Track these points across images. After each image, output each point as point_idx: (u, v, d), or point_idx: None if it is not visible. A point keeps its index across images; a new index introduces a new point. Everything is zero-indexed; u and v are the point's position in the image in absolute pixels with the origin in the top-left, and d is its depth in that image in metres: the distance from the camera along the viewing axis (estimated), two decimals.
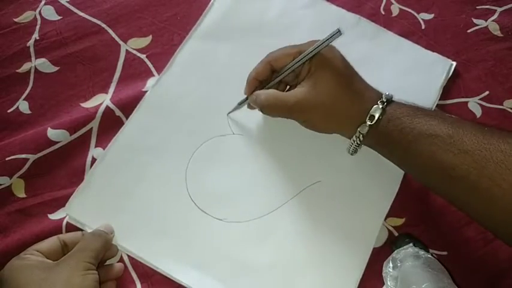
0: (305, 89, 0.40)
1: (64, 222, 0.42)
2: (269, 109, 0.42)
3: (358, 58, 0.42)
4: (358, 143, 0.40)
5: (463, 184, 0.35)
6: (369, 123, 0.38)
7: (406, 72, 0.50)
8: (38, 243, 0.38)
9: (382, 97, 0.39)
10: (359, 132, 0.39)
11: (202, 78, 0.49)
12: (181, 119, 0.47)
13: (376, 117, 0.38)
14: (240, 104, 0.46)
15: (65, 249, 0.39)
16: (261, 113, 0.45)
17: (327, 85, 0.39)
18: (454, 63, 0.50)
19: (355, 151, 0.42)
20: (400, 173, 0.45)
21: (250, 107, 0.46)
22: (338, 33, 0.39)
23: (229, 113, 0.47)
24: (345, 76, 0.40)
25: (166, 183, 0.44)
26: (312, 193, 0.44)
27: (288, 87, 0.45)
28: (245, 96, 0.45)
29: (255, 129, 0.47)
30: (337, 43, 0.41)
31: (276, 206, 0.44)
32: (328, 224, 0.43)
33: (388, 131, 0.38)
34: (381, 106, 0.38)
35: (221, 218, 0.43)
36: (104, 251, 0.39)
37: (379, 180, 0.45)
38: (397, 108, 0.38)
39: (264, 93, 0.42)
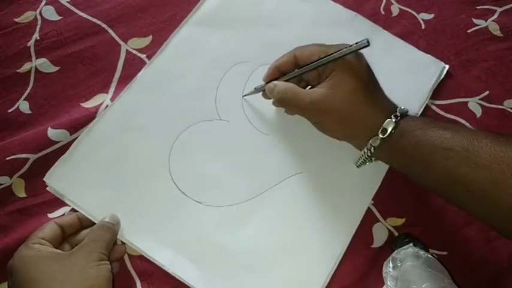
0: (323, 90, 0.40)
1: None
2: (284, 103, 0.42)
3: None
4: (369, 155, 0.39)
5: (481, 199, 0.34)
6: (381, 136, 0.38)
7: (397, 71, 0.50)
8: (40, 231, 0.38)
9: (396, 111, 0.38)
10: (370, 144, 0.39)
11: (194, 63, 0.49)
12: (170, 101, 0.47)
13: (388, 131, 0.37)
14: (257, 89, 0.46)
15: (63, 233, 0.39)
16: (270, 107, 0.45)
17: (346, 91, 0.39)
18: (447, 66, 0.50)
19: (363, 163, 0.42)
20: (382, 170, 0.45)
21: (265, 96, 0.46)
22: (367, 44, 0.38)
23: (244, 95, 0.48)
24: (365, 86, 0.39)
25: (149, 162, 0.45)
26: (293, 184, 0.45)
27: (309, 87, 0.45)
28: (263, 82, 0.45)
29: (242, 117, 0.47)
30: (332, 38, 0.41)
31: (256, 194, 0.44)
32: (306, 215, 0.43)
33: (402, 146, 0.37)
34: (394, 120, 0.38)
35: (200, 201, 0.43)
36: (113, 241, 0.39)
37: (361, 174, 0.45)
38: (410, 121, 0.38)
39: (283, 85, 0.42)
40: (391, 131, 0.37)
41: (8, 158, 0.44)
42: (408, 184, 0.45)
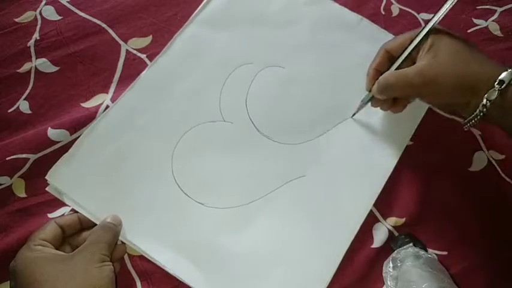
0: (425, 61, 0.39)
1: None
2: (390, 89, 0.41)
3: (357, 59, 0.43)
4: (485, 112, 0.37)
5: None
6: (498, 87, 0.36)
7: None
8: (42, 232, 0.38)
9: (509, 66, 0.37)
10: (486, 99, 0.36)
11: (199, 64, 0.49)
12: (174, 102, 0.47)
13: (506, 82, 0.36)
14: (364, 101, 0.45)
15: (63, 234, 0.39)
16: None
17: (449, 53, 0.38)
18: None
19: (475, 124, 0.39)
20: (384, 175, 0.45)
21: (374, 104, 0.45)
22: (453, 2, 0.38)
23: (353, 115, 0.47)
24: (467, 46, 0.39)
25: (151, 162, 0.45)
26: (295, 187, 0.44)
27: None
28: (367, 93, 0.44)
29: (246, 119, 0.47)
30: (337, 42, 0.40)
31: (257, 197, 0.44)
32: (308, 217, 0.43)
33: None
34: (510, 71, 0.36)
35: (202, 202, 0.43)
36: (114, 242, 0.39)
37: (363, 177, 0.45)
38: None
39: (381, 77, 0.41)
40: (509, 82, 0.36)
41: (8, 158, 0.44)
42: (408, 184, 0.45)
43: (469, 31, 0.53)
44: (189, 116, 0.47)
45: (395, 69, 0.41)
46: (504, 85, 0.36)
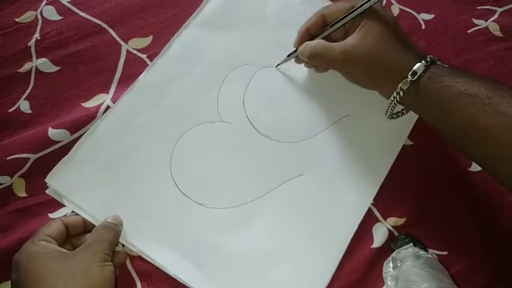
0: (353, 40, 0.41)
1: None
2: (316, 57, 0.43)
3: None
4: (398, 100, 0.40)
5: (496, 146, 0.35)
6: (411, 78, 0.38)
7: None
8: (47, 228, 0.38)
9: (426, 57, 0.39)
10: (400, 88, 0.39)
11: (196, 65, 0.49)
12: (172, 103, 0.47)
13: (418, 74, 0.38)
14: (289, 55, 0.47)
15: (67, 233, 0.40)
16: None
17: (375, 38, 0.40)
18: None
19: (392, 112, 0.42)
20: (382, 172, 0.45)
21: (298, 60, 0.47)
22: None
23: (277, 65, 0.49)
24: (394, 33, 0.41)
25: (150, 164, 0.45)
26: (294, 186, 0.45)
27: None
28: (294, 49, 0.46)
29: (244, 119, 0.47)
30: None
31: (256, 197, 0.44)
32: (307, 217, 0.44)
33: (429, 89, 0.38)
34: (424, 64, 0.38)
35: (201, 202, 0.43)
36: (116, 242, 0.40)
37: (362, 175, 0.45)
38: (440, 68, 0.39)
39: (313, 42, 0.44)
40: (420, 74, 0.38)
41: (8, 158, 0.44)
42: (408, 184, 0.45)
43: (469, 31, 0.53)
44: (187, 116, 0.47)
45: (325, 38, 0.44)
46: (416, 76, 0.38)
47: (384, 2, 0.54)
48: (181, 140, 0.46)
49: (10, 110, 0.47)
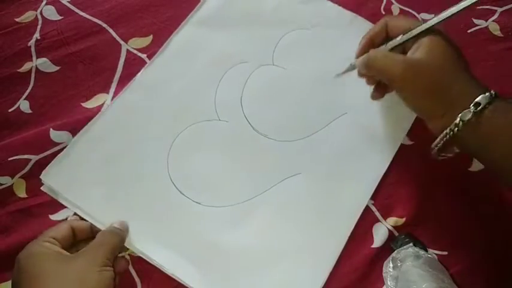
0: (417, 54, 0.37)
1: None
2: (375, 65, 0.39)
3: (351, 56, 0.43)
4: (455, 132, 0.35)
5: None
6: (474, 109, 0.34)
7: None
8: (53, 230, 0.38)
9: (489, 89, 0.35)
10: (460, 119, 0.35)
11: (194, 63, 0.50)
12: (169, 102, 0.48)
13: (482, 105, 0.34)
14: (352, 65, 0.44)
15: (74, 237, 0.39)
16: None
17: (442, 57, 0.37)
18: None
19: (443, 148, 0.38)
20: (379, 171, 0.45)
21: (359, 74, 0.43)
22: (468, 6, 0.37)
23: (338, 75, 0.45)
24: (459, 57, 0.38)
25: (147, 162, 0.45)
26: (291, 184, 0.45)
27: None
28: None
29: (241, 118, 0.47)
30: (332, 39, 0.40)
31: (254, 195, 0.44)
32: (304, 215, 0.44)
33: (493, 122, 0.34)
34: (489, 96, 0.34)
35: (198, 201, 0.43)
36: (119, 248, 0.39)
37: (359, 174, 0.45)
38: (504, 101, 0.35)
39: (373, 50, 0.40)
40: (485, 105, 0.34)
41: (10, 159, 0.44)
42: (408, 184, 0.45)
43: (469, 31, 0.53)
44: (184, 115, 0.47)
45: (390, 50, 0.40)
46: (479, 108, 0.34)
47: (384, 2, 0.54)
48: (178, 139, 0.46)
49: (10, 110, 0.47)
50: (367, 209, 0.44)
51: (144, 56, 0.50)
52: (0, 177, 0.44)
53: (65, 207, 0.43)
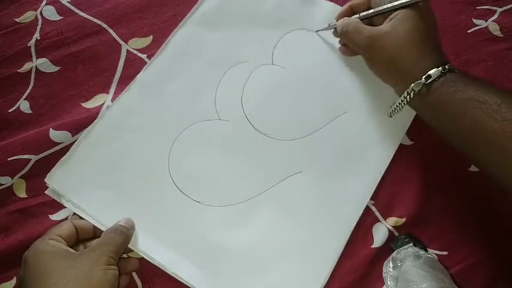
0: (384, 28, 0.42)
1: None
2: (346, 36, 0.45)
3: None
4: (408, 100, 0.40)
5: (500, 152, 0.35)
6: (424, 81, 0.39)
7: None
8: (58, 228, 0.38)
9: (445, 65, 0.39)
10: (412, 88, 0.39)
11: (194, 63, 0.50)
12: (170, 102, 0.48)
13: (432, 78, 0.38)
14: (330, 26, 0.49)
15: (77, 235, 0.40)
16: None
17: (405, 32, 0.40)
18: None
19: (398, 110, 0.43)
20: (380, 170, 0.45)
21: (335, 33, 0.49)
22: None
23: (318, 30, 0.51)
24: (426, 34, 0.41)
25: (149, 162, 0.45)
26: (292, 183, 0.45)
27: None
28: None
29: (242, 117, 0.47)
30: (331, 39, 0.42)
31: (255, 194, 0.44)
32: (305, 214, 0.43)
33: (440, 92, 0.38)
34: (441, 70, 0.39)
35: (200, 200, 0.43)
36: (125, 246, 0.39)
37: (359, 174, 0.45)
38: (455, 74, 0.39)
39: (349, 18, 0.45)
40: (434, 79, 0.38)
41: (10, 159, 0.44)
42: (408, 184, 0.45)
43: (469, 31, 0.53)
44: (185, 115, 0.47)
45: (363, 20, 0.44)
46: (430, 80, 0.38)
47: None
48: (179, 138, 0.46)
49: (10, 110, 0.47)
50: (367, 209, 0.44)
51: (144, 56, 0.50)
52: (0, 177, 0.44)
53: (65, 207, 0.43)
